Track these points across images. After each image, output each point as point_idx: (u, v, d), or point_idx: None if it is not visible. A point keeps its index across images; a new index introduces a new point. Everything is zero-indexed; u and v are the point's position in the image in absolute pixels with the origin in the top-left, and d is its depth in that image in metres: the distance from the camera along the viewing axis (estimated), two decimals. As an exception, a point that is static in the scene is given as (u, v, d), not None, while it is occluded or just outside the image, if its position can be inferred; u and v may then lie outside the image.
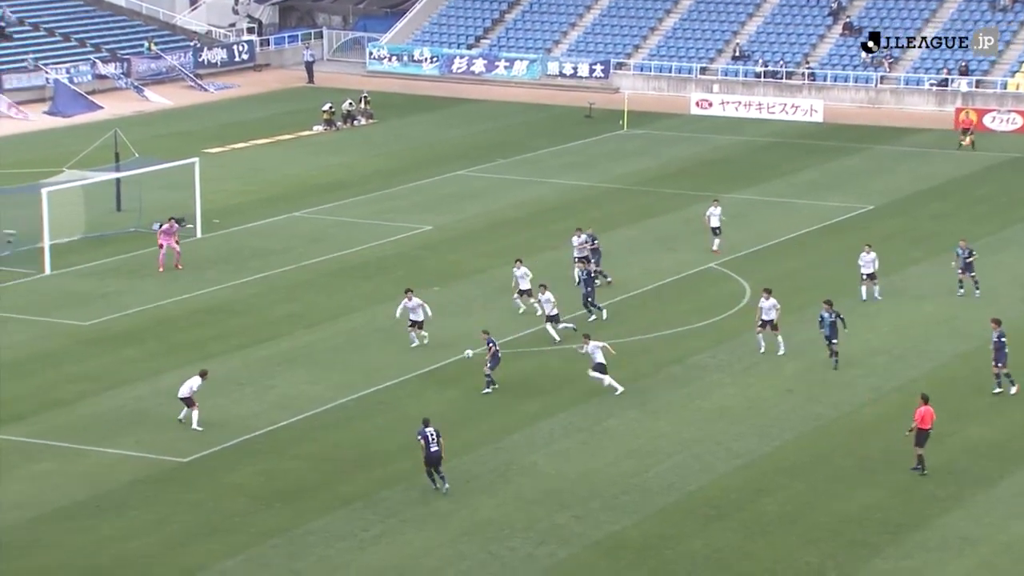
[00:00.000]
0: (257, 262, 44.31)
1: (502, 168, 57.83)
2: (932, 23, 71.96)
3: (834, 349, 34.93)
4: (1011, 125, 63.42)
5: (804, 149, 61.05)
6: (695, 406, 33.52)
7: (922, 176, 55.68)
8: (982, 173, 56.13)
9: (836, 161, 58.79)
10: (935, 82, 68.56)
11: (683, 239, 47.21)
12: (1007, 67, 68.20)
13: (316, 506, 28.29)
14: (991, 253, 45.00)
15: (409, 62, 77.33)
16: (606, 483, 29.43)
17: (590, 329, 36.51)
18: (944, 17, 72.04)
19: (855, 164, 58.29)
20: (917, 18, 72.47)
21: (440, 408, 33.40)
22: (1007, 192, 52.93)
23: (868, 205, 51.17)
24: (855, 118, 66.36)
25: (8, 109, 65.45)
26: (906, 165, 57.71)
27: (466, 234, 47.92)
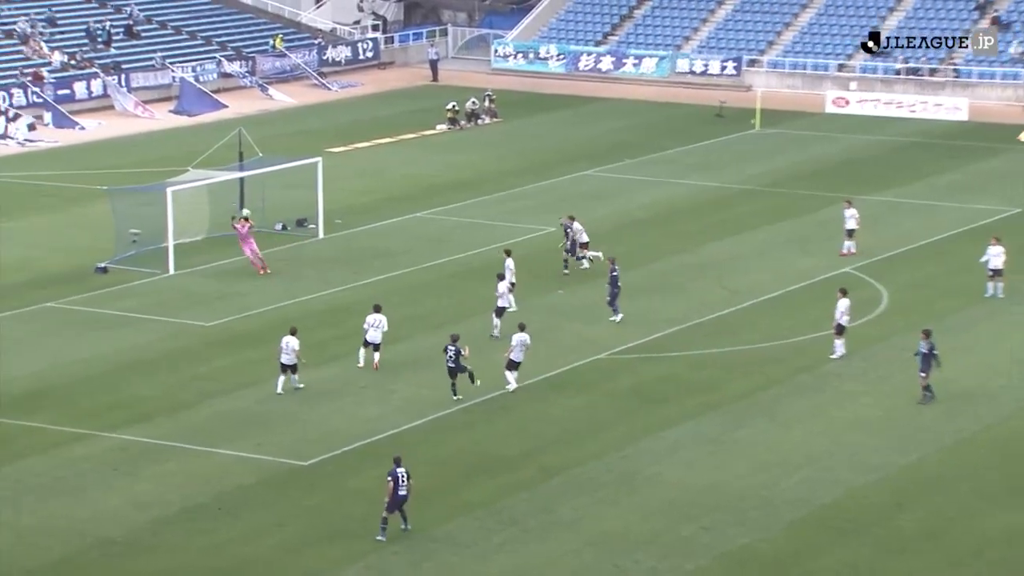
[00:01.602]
0: (379, 263, 44.79)
1: (629, 168, 57.68)
2: (1086, 16, 70.14)
3: (925, 383, 33.15)
4: None
5: (946, 149, 59.88)
6: (828, 416, 33.07)
7: (1073, 178, 54.29)
8: None
9: (981, 162, 57.57)
10: (1089, 78, 66.81)
11: (817, 242, 46.60)
12: None
13: (438, 512, 28.48)
14: None
15: (535, 59, 77.51)
16: (734, 495, 29.16)
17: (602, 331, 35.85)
18: (1099, 10, 70.19)
19: (1001, 165, 57.01)
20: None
21: (563, 414, 33.43)
22: None
23: (1014, 208, 49.99)
24: (1002, 117, 64.91)
25: (135, 108, 67.07)
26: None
27: (591, 236, 47.86)
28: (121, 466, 30.58)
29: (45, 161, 58.02)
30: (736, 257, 45.38)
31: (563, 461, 30.84)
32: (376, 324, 35.64)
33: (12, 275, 43.55)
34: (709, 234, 48.13)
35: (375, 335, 35.66)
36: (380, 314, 35.82)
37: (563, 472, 30.26)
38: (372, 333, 35.66)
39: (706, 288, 42.42)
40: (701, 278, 43.39)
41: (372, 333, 35.66)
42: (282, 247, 46.81)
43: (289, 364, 34.02)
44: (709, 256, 45.65)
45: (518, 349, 34.21)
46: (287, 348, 34.00)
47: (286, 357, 33.99)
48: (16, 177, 55.24)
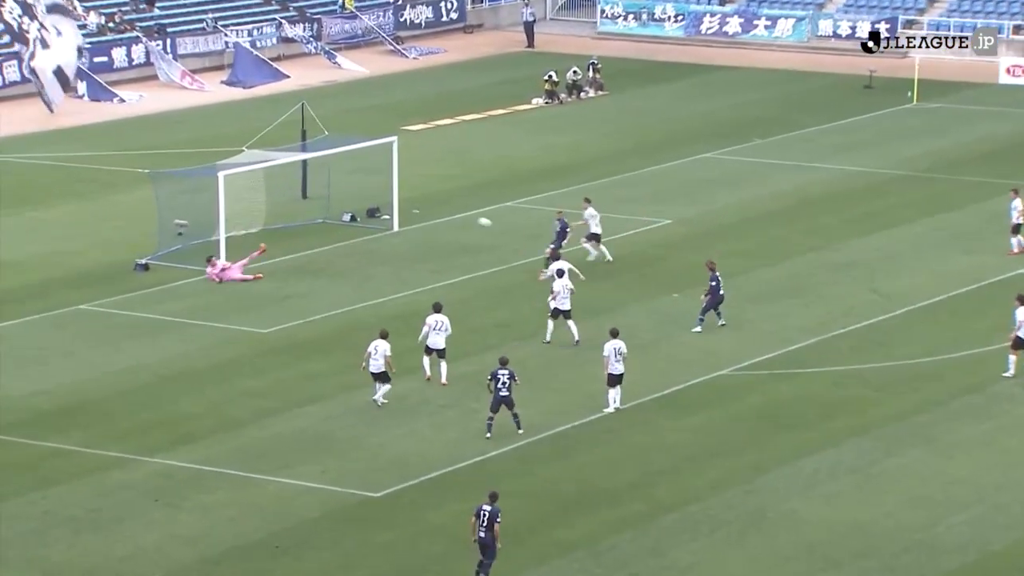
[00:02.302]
0: (463, 260, 45.06)
1: (759, 150, 57.48)
2: None
3: None
4: None
5: None
6: (999, 445, 32.80)
7: None
8: None
9: None
10: None
11: (985, 238, 46.08)
12: None
13: (530, 552, 28.60)
14: None
15: (649, 21, 77.53)
16: (884, 537, 28.99)
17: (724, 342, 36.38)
18: None
19: None
20: None
21: (677, 439, 33.43)
22: None
23: None
24: None
25: (182, 79, 68.05)
26: None
27: (714, 230, 47.77)
28: (163, 496, 31.07)
29: (78, 140, 59.12)
30: (887, 256, 45.07)
31: (677, 495, 30.84)
32: (438, 327, 35.77)
33: (40, 272, 44.45)
34: (855, 228, 47.84)
35: (437, 339, 35.76)
36: (442, 315, 35.95)
37: (677, 508, 30.26)
38: (434, 337, 35.83)
39: (851, 292, 42.17)
40: (844, 280, 43.16)
41: (434, 337, 35.83)
42: (351, 241, 47.28)
43: (377, 373, 34.34)
44: (854, 254, 45.38)
45: (613, 359, 34.18)
46: (376, 353, 34.28)
47: (375, 365, 34.28)
48: (45, 158, 56.37)
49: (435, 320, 35.85)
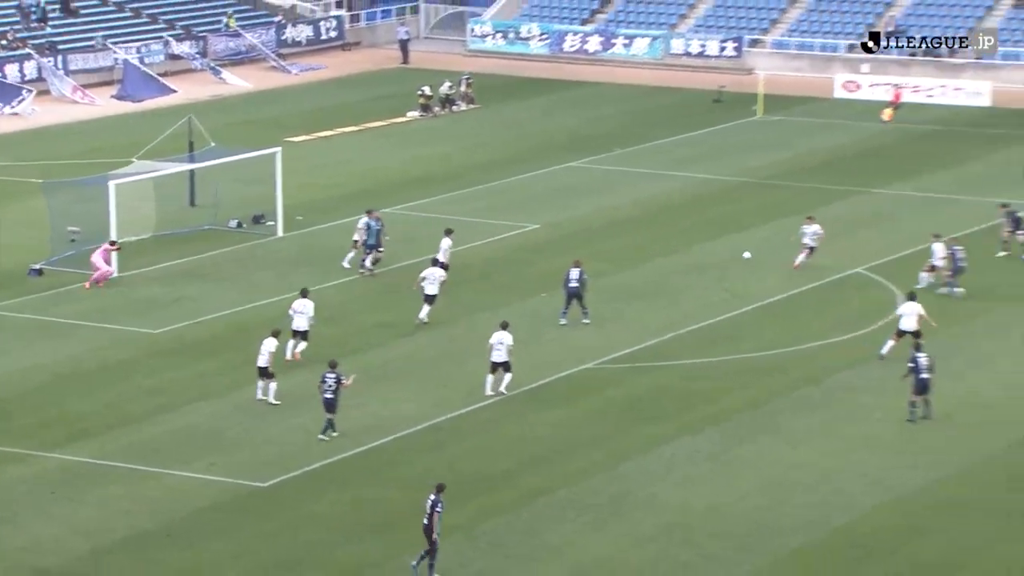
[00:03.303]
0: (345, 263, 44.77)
1: (619, 160, 57.84)
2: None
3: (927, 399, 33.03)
4: None
5: (968, 137, 60.20)
6: (837, 432, 33.23)
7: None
8: None
9: (1006, 151, 57.88)
10: (1121, 60, 67.22)
11: (826, 241, 46.75)
12: None
13: (409, 538, 28.50)
14: None
15: (515, 40, 77.67)
16: (736, 518, 29.28)
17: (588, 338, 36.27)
18: None
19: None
20: (1102, -13, 71.13)
21: (547, 430, 33.52)
22: None
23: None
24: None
25: (73, 93, 66.93)
26: (1086, 156, 56.66)
27: (579, 234, 47.98)
28: (60, 489, 30.53)
29: (-26, 152, 57.86)
30: (736, 257, 45.53)
31: (547, 481, 30.93)
32: (302, 310, 36.28)
33: (-63, 278, 43.41)
34: (706, 232, 48.30)
35: (301, 322, 36.20)
36: (308, 299, 36.44)
37: (547, 493, 30.36)
38: (298, 320, 36.24)
39: (702, 291, 42.58)
40: (697, 280, 43.56)
41: (298, 320, 36.24)
42: (238, 246, 46.81)
43: (263, 368, 34.10)
44: (706, 256, 45.81)
45: (495, 348, 34.28)
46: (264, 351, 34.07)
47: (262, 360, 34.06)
48: (-58, 170, 55.09)
49: (301, 304, 36.34)
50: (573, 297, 39.29)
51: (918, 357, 33.26)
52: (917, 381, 33.12)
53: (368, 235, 43.31)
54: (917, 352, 33.38)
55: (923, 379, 33.08)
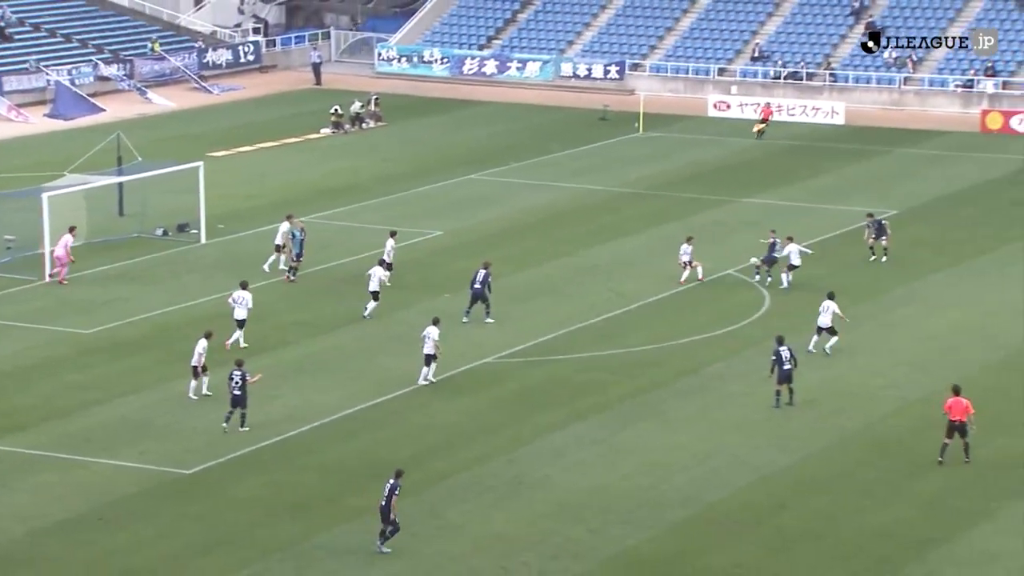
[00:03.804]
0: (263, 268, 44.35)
1: (515, 172, 57.89)
2: (957, 23, 71.86)
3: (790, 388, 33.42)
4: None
5: (825, 152, 60.99)
6: (712, 418, 33.49)
7: (947, 180, 55.60)
8: (1009, 178, 56.02)
9: (858, 164, 58.71)
10: (960, 83, 68.43)
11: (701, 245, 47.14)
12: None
13: (324, 519, 28.33)
14: (1020, 260, 44.86)
15: (419, 63, 77.46)
16: (621, 497, 29.41)
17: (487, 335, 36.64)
18: (969, 16, 71.93)
19: (878, 168, 58.21)
20: (942, 17, 72.38)
21: (450, 419, 33.45)
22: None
23: (891, 210, 51.09)
24: (878, 120, 66.26)
25: (8, 112, 65.67)
26: (931, 169, 57.63)
27: (478, 240, 47.96)
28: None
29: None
30: (621, 260, 45.78)
31: (450, 466, 30.87)
32: (241, 301, 36.55)
33: None
34: (594, 237, 48.48)
35: (241, 312, 36.46)
36: (246, 291, 36.62)
37: (450, 477, 30.29)
38: (238, 311, 36.50)
39: (591, 291, 42.73)
40: (587, 281, 43.71)
41: (238, 311, 36.50)
42: (164, 252, 46.22)
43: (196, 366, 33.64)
44: (594, 259, 45.99)
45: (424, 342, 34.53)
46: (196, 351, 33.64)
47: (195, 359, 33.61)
48: None
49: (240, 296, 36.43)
50: (477, 298, 39.22)
51: (780, 350, 33.61)
52: (780, 372, 33.47)
53: (294, 244, 42.85)
54: (780, 346, 33.72)
55: (786, 370, 33.45)
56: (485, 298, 39.15)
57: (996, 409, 32.91)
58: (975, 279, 42.81)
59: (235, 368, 32.19)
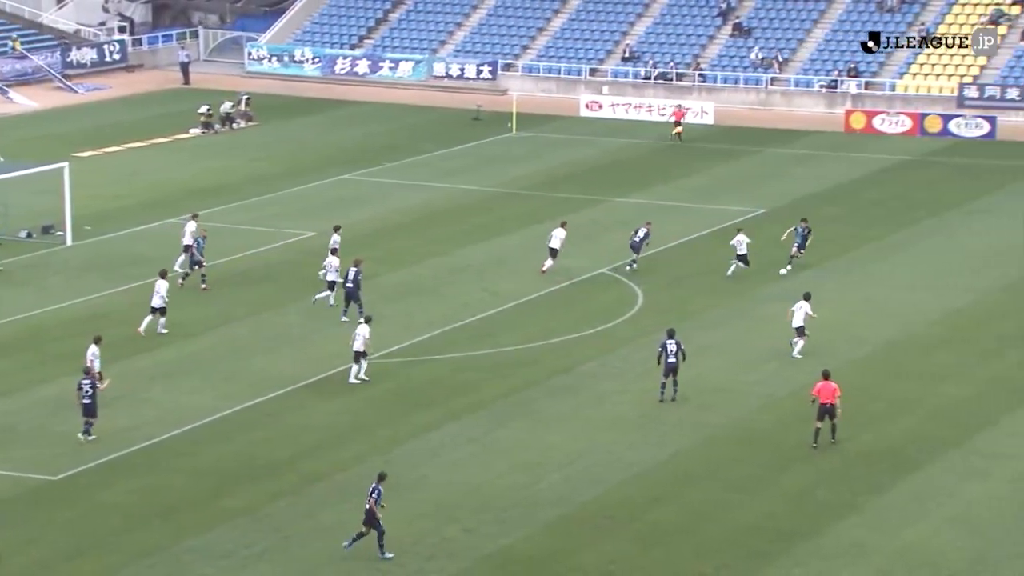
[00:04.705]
0: (133, 270, 43.74)
1: (388, 172, 57.79)
2: (821, 24, 73.40)
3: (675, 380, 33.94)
4: (900, 127, 64.91)
5: (695, 152, 61.87)
6: (586, 416, 33.80)
7: (814, 179, 56.76)
8: (871, 177, 57.39)
9: (728, 164, 59.67)
10: (825, 84, 69.91)
11: (575, 243, 47.53)
12: (895, 69, 69.80)
13: (196, 522, 28.04)
14: (881, 259, 46.01)
15: (290, 63, 76.91)
16: (496, 495, 29.56)
17: None
18: (832, 18, 73.52)
19: (747, 167, 59.22)
20: (806, 19, 73.87)
21: (325, 419, 33.32)
22: (897, 196, 54.17)
23: (760, 208, 52.03)
24: (746, 120, 67.40)
25: None
26: (798, 168, 58.78)
27: (351, 240, 47.78)
28: None
29: None
30: (496, 260, 45.98)
31: (325, 466, 30.76)
32: (159, 290, 37.58)
33: None
34: (468, 237, 48.61)
35: (157, 300, 37.47)
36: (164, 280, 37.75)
37: (326, 478, 30.19)
38: (155, 299, 37.48)
39: (466, 291, 42.85)
40: (461, 281, 43.82)
41: (155, 299, 37.48)
42: (29, 255, 45.29)
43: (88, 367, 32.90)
44: (469, 259, 46.12)
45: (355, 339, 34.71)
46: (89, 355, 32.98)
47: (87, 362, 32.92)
48: None
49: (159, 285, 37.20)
50: (350, 297, 39.11)
51: (667, 343, 34.10)
52: (666, 364, 33.97)
53: (197, 250, 42.14)
54: (668, 338, 34.19)
55: (671, 363, 33.93)
56: (357, 297, 39.06)
57: (861, 404, 33.72)
58: (840, 277, 43.81)
59: (83, 377, 31.57)
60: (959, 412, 33.57)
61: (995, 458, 30.95)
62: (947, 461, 30.92)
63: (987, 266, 44.54)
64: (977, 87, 66.43)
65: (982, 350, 37.30)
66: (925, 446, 31.70)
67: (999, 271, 43.42)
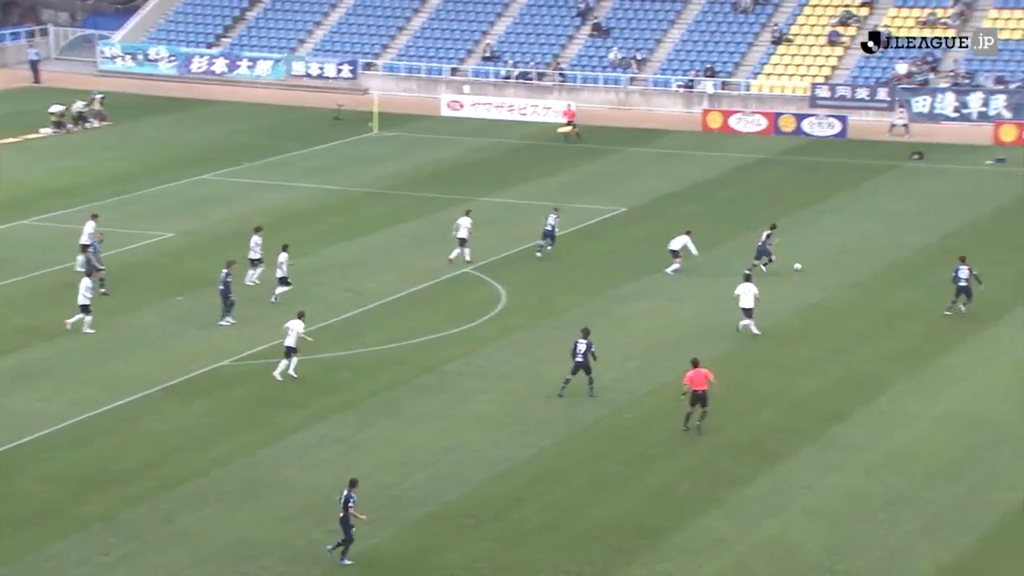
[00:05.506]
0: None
1: (248, 172, 57.13)
2: (678, 25, 74.41)
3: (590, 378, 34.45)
4: (756, 127, 66.08)
5: (557, 151, 62.25)
6: (451, 414, 33.79)
7: (672, 178, 57.50)
8: (729, 175, 58.32)
9: (589, 163, 60.14)
10: (682, 84, 70.89)
11: (439, 243, 47.52)
12: (750, 69, 71.05)
13: (51, 530, 27.38)
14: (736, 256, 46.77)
15: (144, 61, 75.63)
16: (362, 496, 29.28)
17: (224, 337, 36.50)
18: (688, 19, 74.57)
19: (607, 166, 59.75)
20: (663, 19, 74.81)
21: (186, 423, 32.80)
22: (752, 194, 55.13)
23: (621, 207, 52.54)
24: (607, 120, 68.01)
25: None
26: (657, 167, 59.49)
27: (211, 241, 47.16)
28: None
29: None
30: (359, 260, 45.73)
31: (186, 471, 30.28)
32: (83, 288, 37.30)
33: None
34: (331, 237, 48.28)
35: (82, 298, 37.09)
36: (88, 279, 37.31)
37: (186, 482, 29.72)
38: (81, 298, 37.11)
39: (330, 291, 42.54)
40: (325, 281, 43.49)
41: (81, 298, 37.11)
42: None
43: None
44: (332, 259, 45.80)
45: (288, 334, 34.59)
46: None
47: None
48: None
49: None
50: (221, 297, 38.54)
51: (578, 343, 34.23)
52: (574, 363, 34.07)
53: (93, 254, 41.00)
54: (580, 339, 34.34)
55: (578, 361, 34.10)
56: (228, 299, 38.54)
57: (722, 399, 34.20)
58: (699, 274, 44.42)
59: None
60: (815, 405, 34.27)
61: (849, 450, 31.66)
62: (804, 454, 31.53)
63: (838, 264, 45.53)
64: (829, 87, 67.92)
65: (834, 346, 38.14)
66: (784, 439, 32.29)
67: (850, 268, 44.42)
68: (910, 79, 67.44)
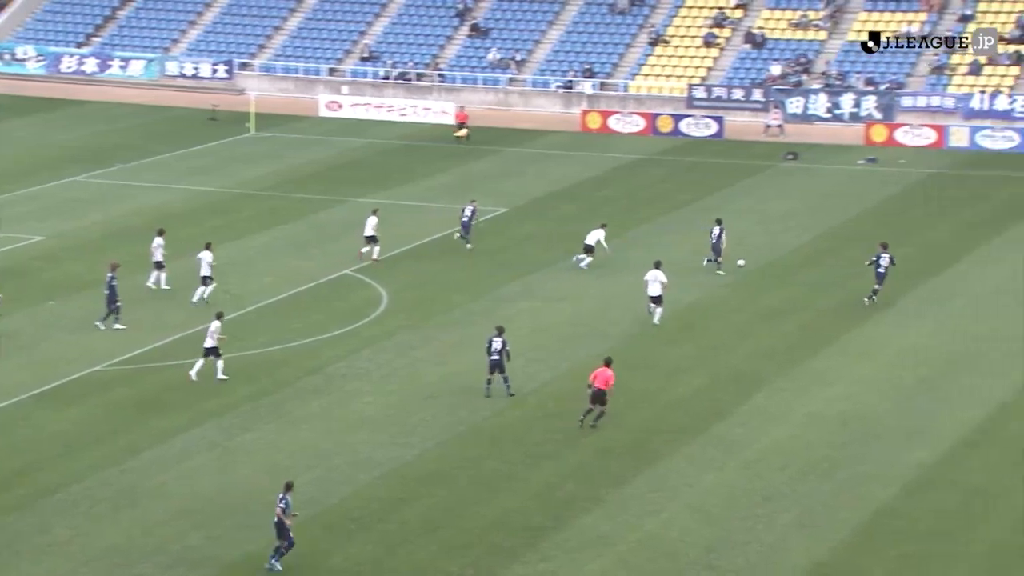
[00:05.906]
0: None
1: (122, 173, 56.13)
2: (556, 25, 74.75)
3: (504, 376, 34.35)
4: (634, 127, 66.64)
5: (437, 152, 62.17)
6: (334, 416, 33.54)
7: (552, 178, 57.73)
8: (606, 175, 58.73)
9: (469, 164, 60.14)
10: (561, 84, 71.22)
11: (316, 245, 47.17)
12: (628, 70, 71.65)
13: (-81, 544, 26.60)
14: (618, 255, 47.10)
15: (11, 61, 74.01)
16: (242, 500, 29.01)
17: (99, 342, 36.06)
18: (567, 20, 74.94)
19: (488, 167, 59.82)
20: (542, 20, 75.09)
21: (59, 429, 32.10)
22: (630, 194, 55.57)
23: (501, 208, 52.62)
24: (487, 120, 68.05)
25: None
26: (536, 167, 59.69)
27: (84, 243, 46.28)
28: None
29: None
30: (237, 262, 45.16)
31: (59, 478, 29.63)
32: None
33: None
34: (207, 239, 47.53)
35: None
36: None
37: (60, 490, 29.09)
38: None
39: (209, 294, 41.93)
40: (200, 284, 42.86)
41: None
42: None
43: None
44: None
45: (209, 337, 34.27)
46: None
47: None
48: None
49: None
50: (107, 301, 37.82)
51: (492, 341, 34.16)
52: (489, 362, 34.01)
53: None
54: (494, 337, 34.23)
55: (493, 360, 34.02)
56: (114, 302, 37.82)
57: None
58: (580, 273, 44.64)
59: None
60: (695, 403, 34.61)
61: (728, 447, 32.03)
62: (685, 451, 31.82)
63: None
64: (705, 88, 68.74)
65: (713, 343, 38.57)
66: (666, 437, 32.56)
67: (726, 267, 44.93)
68: (784, 80, 68.54)
